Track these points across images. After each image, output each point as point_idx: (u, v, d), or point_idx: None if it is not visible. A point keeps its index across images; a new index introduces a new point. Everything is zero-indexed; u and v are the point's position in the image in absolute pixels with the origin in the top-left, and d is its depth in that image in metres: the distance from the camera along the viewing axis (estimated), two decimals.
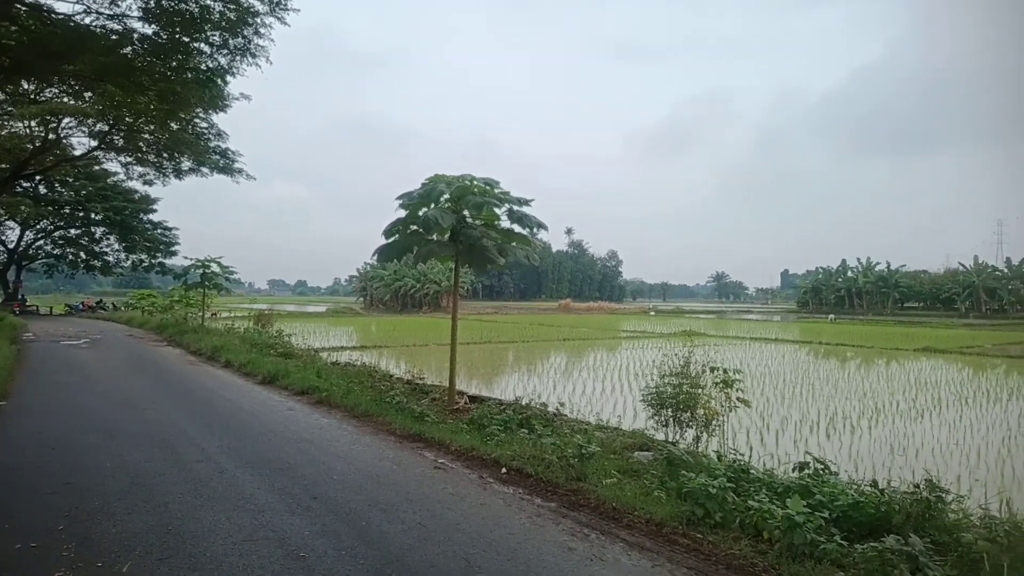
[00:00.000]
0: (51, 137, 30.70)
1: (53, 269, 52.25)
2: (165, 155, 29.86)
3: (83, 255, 50.41)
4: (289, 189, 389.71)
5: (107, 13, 12.23)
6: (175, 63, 13.56)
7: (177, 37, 12.74)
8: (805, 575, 4.38)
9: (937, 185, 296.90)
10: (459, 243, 9.94)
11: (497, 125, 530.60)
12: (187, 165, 30.78)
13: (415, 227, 9.94)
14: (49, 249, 50.56)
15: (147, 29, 12.65)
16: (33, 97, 22.53)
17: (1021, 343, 34.36)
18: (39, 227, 47.85)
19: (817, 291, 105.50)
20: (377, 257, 10.49)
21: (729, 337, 35.98)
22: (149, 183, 35.28)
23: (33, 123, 29.16)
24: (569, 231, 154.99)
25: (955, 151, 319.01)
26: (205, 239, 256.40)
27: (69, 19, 12.45)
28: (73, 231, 48.96)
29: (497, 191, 9.77)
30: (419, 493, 6.25)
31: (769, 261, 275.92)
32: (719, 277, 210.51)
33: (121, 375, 14.50)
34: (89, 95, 20.49)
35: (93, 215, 45.66)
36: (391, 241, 10.16)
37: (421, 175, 9.86)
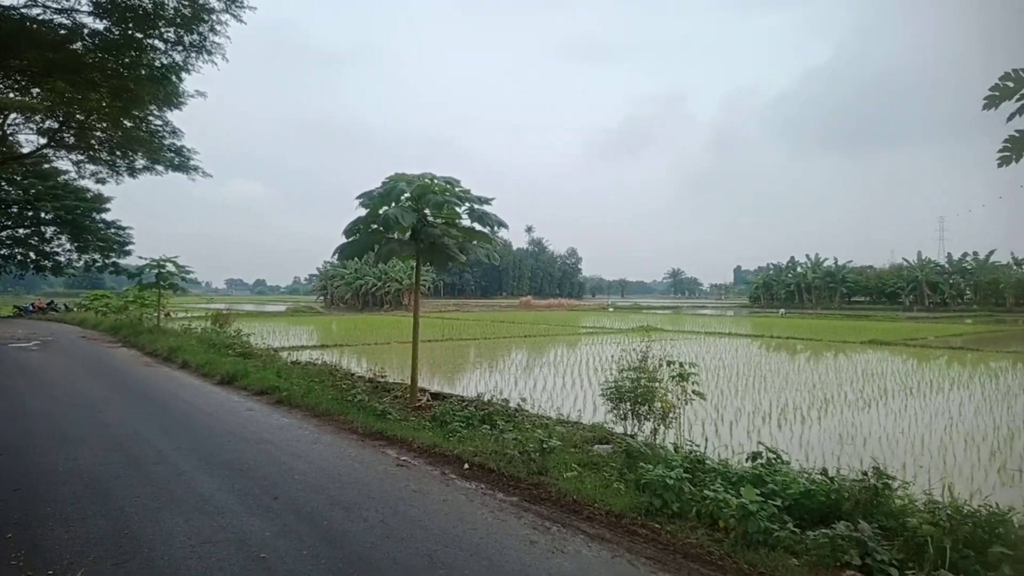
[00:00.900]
0: None
1: (1, 270, 50.19)
2: (118, 153, 28.92)
3: (33, 255, 48.31)
4: (248, 187, 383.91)
5: (55, 7, 11.85)
6: (128, 59, 13.20)
7: (130, 33, 12.41)
8: (760, 562, 4.55)
9: (883, 183, 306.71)
10: (420, 241, 9.96)
11: (459, 124, 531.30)
12: (141, 163, 29.91)
13: (376, 226, 9.93)
14: None
15: (98, 24, 12.29)
16: None
17: (962, 335, 35.81)
18: None
19: (768, 286, 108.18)
20: (338, 256, 10.43)
21: (685, 332, 36.63)
22: (102, 181, 34.12)
23: None
24: (529, 229, 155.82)
25: (900, 150, 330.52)
26: (160, 238, 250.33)
27: (12, 11, 12.01)
28: (22, 231, 46.97)
29: (458, 189, 9.82)
30: (381, 491, 6.28)
31: (723, 257, 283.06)
32: (675, 274, 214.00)
33: (74, 378, 14.12)
34: (37, 91, 19.74)
35: (43, 214, 43.88)
36: (351, 240, 10.12)
37: (383, 173, 9.86)
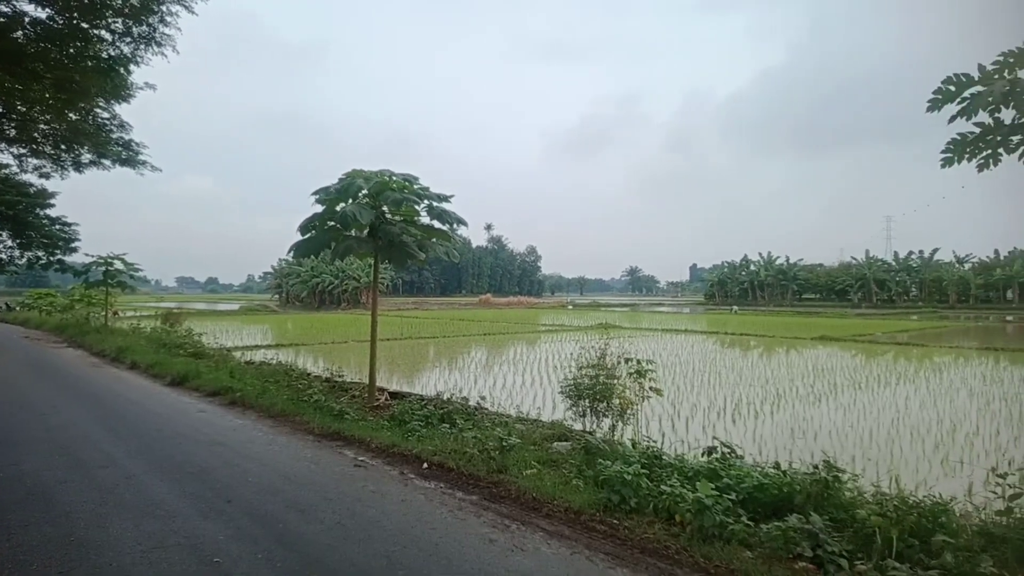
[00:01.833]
0: None
1: None
2: (63, 146, 27.74)
3: None
4: (201, 182, 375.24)
5: None
6: (72, 50, 12.69)
7: (75, 23, 11.92)
8: (715, 556, 4.62)
9: (833, 183, 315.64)
10: (378, 239, 9.85)
11: (418, 121, 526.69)
12: (87, 157, 28.74)
13: (333, 223, 9.79)
14: None
15: (40, 13, 11.77)
16: None
17: (908, 331, 37.12)
18: None
19: (723, 284, 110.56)
20: (293, 253, 10.24)
21: (642, 329, 37.12)
22: (46, 176, 32.57)
23: None
24: (489, 227, 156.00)
25: (849, 151, 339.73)
26: (108, 235, 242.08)
27: None
28: None
29: (417, 187, 9.74)
30: (338, 492, 6.19)
31: (679, 256, 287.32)
32: (633, 271, 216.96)
33: (17, 379, 13.63)
34: None
35: None
36: (308, 237, 9.94)
37: (341, 169, 9.76)
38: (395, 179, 9.60)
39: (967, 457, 9.07)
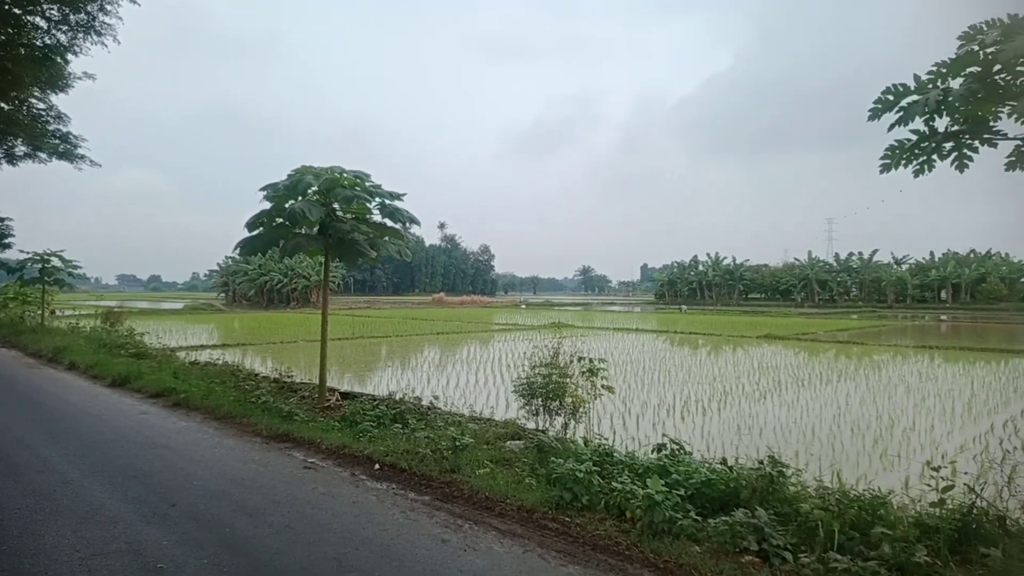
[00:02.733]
0: None
1: None
2: None
3: None
4: (144, 178, 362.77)
5: None
6: (4, 37, 12.12)
7: (6, 8, 11.39)
8: (664, 551, 4.70)
9: (778, 186, 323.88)
10: (329, 237, 9.69)
11: (372, 118, 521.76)
12: (22, 150, 27.48)
13: (281, 220, 9.58)
14: None
15: None
16: None
17: (848, 329, 38.43)
18: None
19: (672, 284, 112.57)
20: (240, 251, 9.99)
21: (595, 328, 37.49)
22: None
23: None
24: (442, 225, 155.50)
25: (794, 155, 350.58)
26: (45, 231, 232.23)
27: None
28: None
29: (368, 184, 9.61)
30: (287, 495, 6.07)
31: (631, 256, 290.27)
32: (585, 271, 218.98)
33: None
34: None
35: None
36: (255, 234, 9.71)
37: (291, 166, 9.53)
38: (346, 176, 9.46)
39: (904, 451, 9.43)
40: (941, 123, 4.18)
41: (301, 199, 9.28)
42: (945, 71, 3.93)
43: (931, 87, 4.01)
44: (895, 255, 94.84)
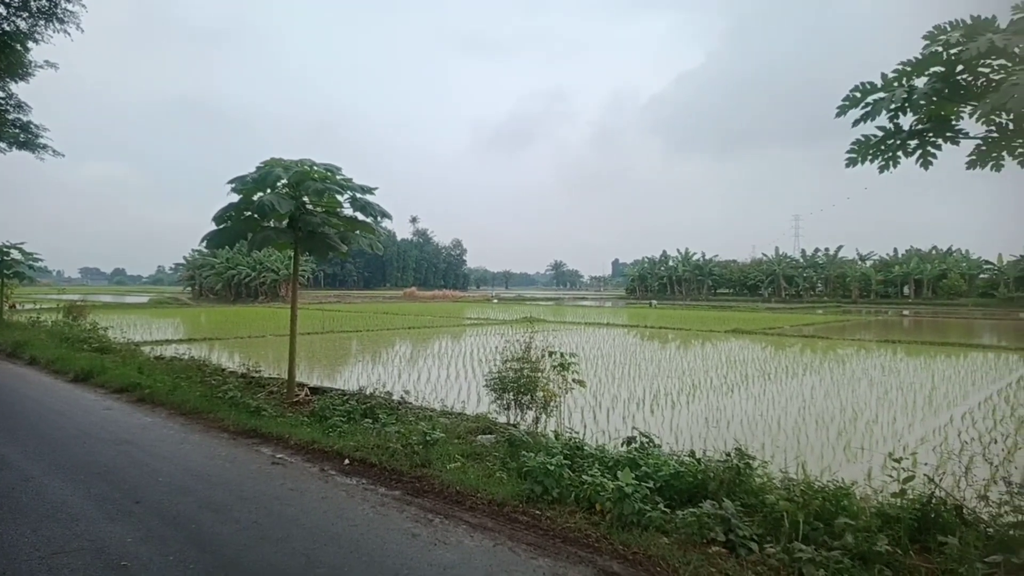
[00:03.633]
0: None
1: None
2: None
3: None
4: (108, 169, 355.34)
5: None
6: None
7: None
8: (633, 542, 4.74)
9: (746, 183, 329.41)
10: (298, 230, 9.57)
11: (345, 109, 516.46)
12: None
13: (250, 213, 9.44)
14: None
15: None
16: None
17: (813, 324, 39.12)
18: None
19: (643, 279, 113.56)
20: (207, 244, 9.82)
21: (566, 323, 37.64)
22: None
23: None
24: (414, 219, 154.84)
25: (761, 152, 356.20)
26: (4, 223, 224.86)
27: None
28: None
29: (339, 177, 9.51)
30: (255, 491, 5.99)
31: (602, 250, 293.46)
32: (557, 266, 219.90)
33: None
34: None
35: None
36: (223, 227, 9.56)
37: (260, 158, 9.40)
38: (316, 169, 9.34)
39: (867, 443, 9.63)
40: (907, 122, 4.26)
41: (270, 192, 9.15)
42: (910, 70, 4.00)
43: (897, 85, 4.08)
44: (860, 251, 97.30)
